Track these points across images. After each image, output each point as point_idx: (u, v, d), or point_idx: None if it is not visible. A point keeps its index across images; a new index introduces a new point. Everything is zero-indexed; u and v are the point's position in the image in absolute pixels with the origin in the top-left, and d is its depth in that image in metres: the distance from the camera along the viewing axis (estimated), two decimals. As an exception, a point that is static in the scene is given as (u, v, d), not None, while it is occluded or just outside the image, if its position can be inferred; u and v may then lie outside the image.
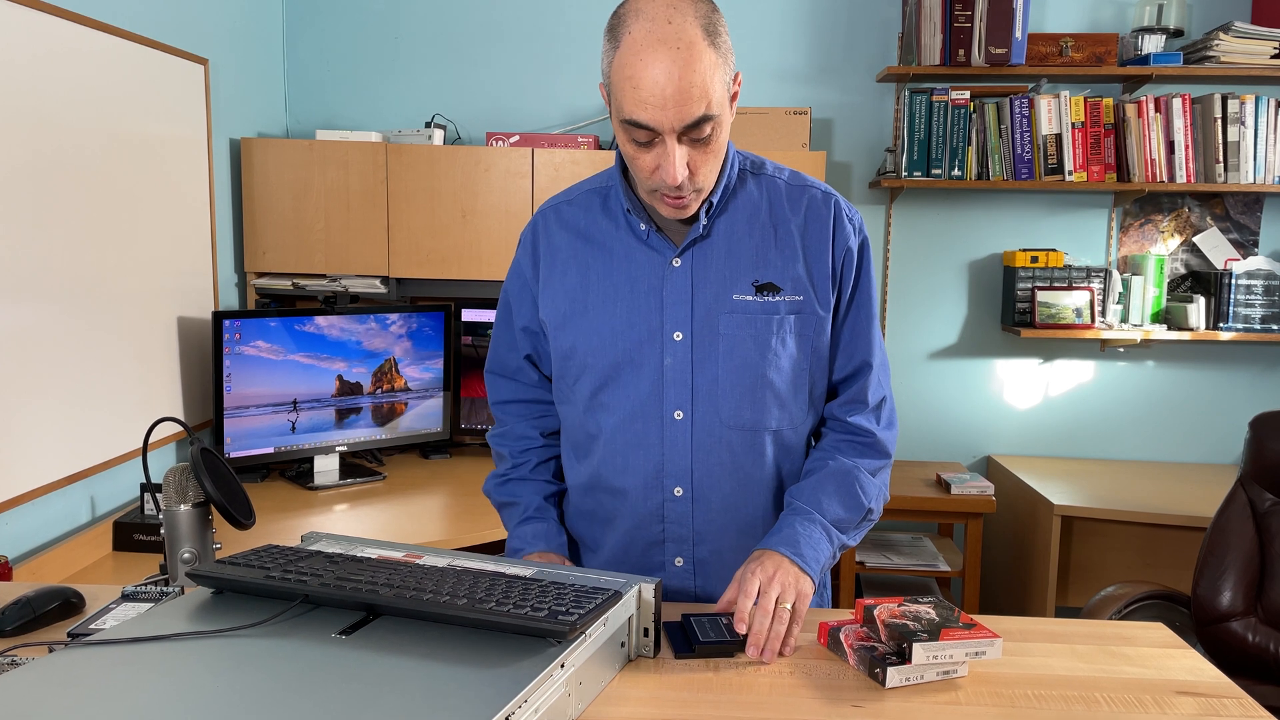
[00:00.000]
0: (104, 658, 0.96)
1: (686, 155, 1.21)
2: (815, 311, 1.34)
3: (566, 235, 1.40)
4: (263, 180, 2.92)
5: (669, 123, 1.17)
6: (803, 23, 3.24)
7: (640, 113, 1.17)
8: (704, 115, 1.17)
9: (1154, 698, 1.10)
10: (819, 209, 1.37)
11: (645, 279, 1.34)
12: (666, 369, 1.33)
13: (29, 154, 1.99)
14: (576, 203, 1.42)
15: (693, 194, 1.26)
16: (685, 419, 1.34)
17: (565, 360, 1.39)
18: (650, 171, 1.23)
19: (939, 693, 1.10)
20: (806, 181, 1.40)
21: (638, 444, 1.35)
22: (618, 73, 1.18)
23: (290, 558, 1.17)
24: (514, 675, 0.91)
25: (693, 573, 1.38)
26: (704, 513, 1.36)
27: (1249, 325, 3.08)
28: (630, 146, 1.23)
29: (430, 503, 2.60)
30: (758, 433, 1.35)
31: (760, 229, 1.35)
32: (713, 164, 1.25)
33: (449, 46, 3.27)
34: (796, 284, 1.34)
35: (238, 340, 2.60)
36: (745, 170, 1.39)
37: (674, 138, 1.18)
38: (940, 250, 3.32)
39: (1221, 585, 2.27)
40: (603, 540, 1.43)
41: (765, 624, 1.17)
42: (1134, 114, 3.01)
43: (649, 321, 1.33)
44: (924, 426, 3.37)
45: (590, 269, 1.37)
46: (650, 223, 1.34)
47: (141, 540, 2.19)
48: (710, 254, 1.34)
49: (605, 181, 1.42)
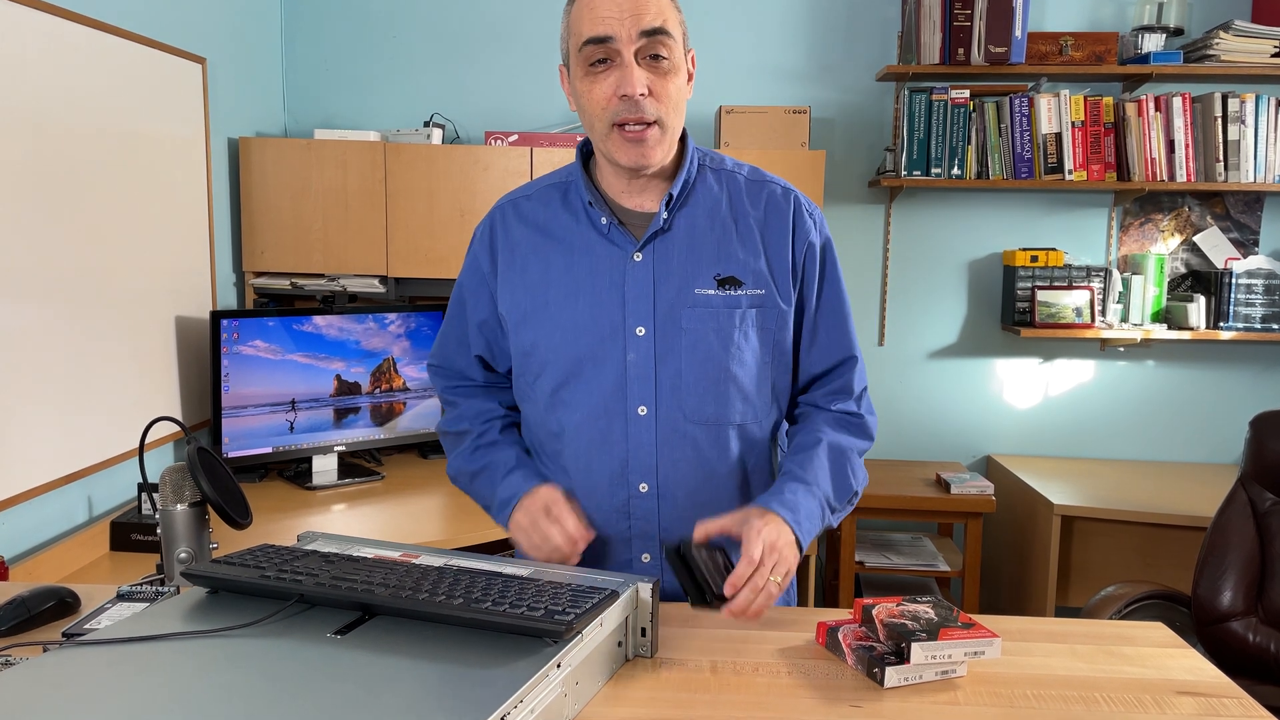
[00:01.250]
0: (98, 658, 0.96)
1: (645, 76, 1.24)
2: (777, 305, 1.35)
3: (525, 230, 1.39)
4: (261, 180, 2.91)
5: (626, 31, 1.22)
6: (802, 22, 3.24)
7: (598, 26, 1.23)
8: (660, 27, 1.23)
9: (1154, 698, 1.10)
10: (779, 204, 1.38)
11: (607, 274, 1.34)
12: (629, 364, 1.33)
13: (25, 153, 1.99)
14: (535, 197, 1.41)
15: (654, 126, 1.26)
16: (649, 415, 1.33)
17: (526, 357, 1.38)
18: (608, 99, 1.25)
19: (938, 693, 1.09)
20: (766, 178, 1.41)
21: (601, 441, 1.34)
22: (576, 13, 1.26)
23: (286, 557, 1.16)
24: (510, 675, 0.90)
25: (660, 569, 1.37)
26: (670, 508, 1.35)
27: (1249, 325, 3.07)
28: (587, 80, 1.26)
29: (429, 503, 2.60)
30: (722, 427, 1.35)
31: (721, 223, 1.35)
32: (671, 95, 1.27)
33: (447, 45, 3.27)
34: (758, 278, 1.34)
35: (236, 340, 2.60)
36: (705, 165, 1.39)
37: (631, 50, 1.23)
38: (940, 249, 3.31)
39: (1222, 585, 2.26)
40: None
41: (752, 600, 1.17)
42: (1134, 113, 3.01)
43: (611, 317, 1.33)
44: (924, 426, 3.36)
45: (550, 264, 1.36)
46: (612, 216, 1.34)
47: (139, 540, 2.18)
48: (671, 248, 1.34)
49: (565, 176, 1.42)
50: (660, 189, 1.35)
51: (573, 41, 1.27)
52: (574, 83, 1.30)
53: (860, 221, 3.30)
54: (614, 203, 1.37)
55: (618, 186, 1.36)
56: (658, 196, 1.35)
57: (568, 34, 1.28)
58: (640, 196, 1.36)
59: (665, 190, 1.34)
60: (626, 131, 1.26)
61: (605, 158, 1.33)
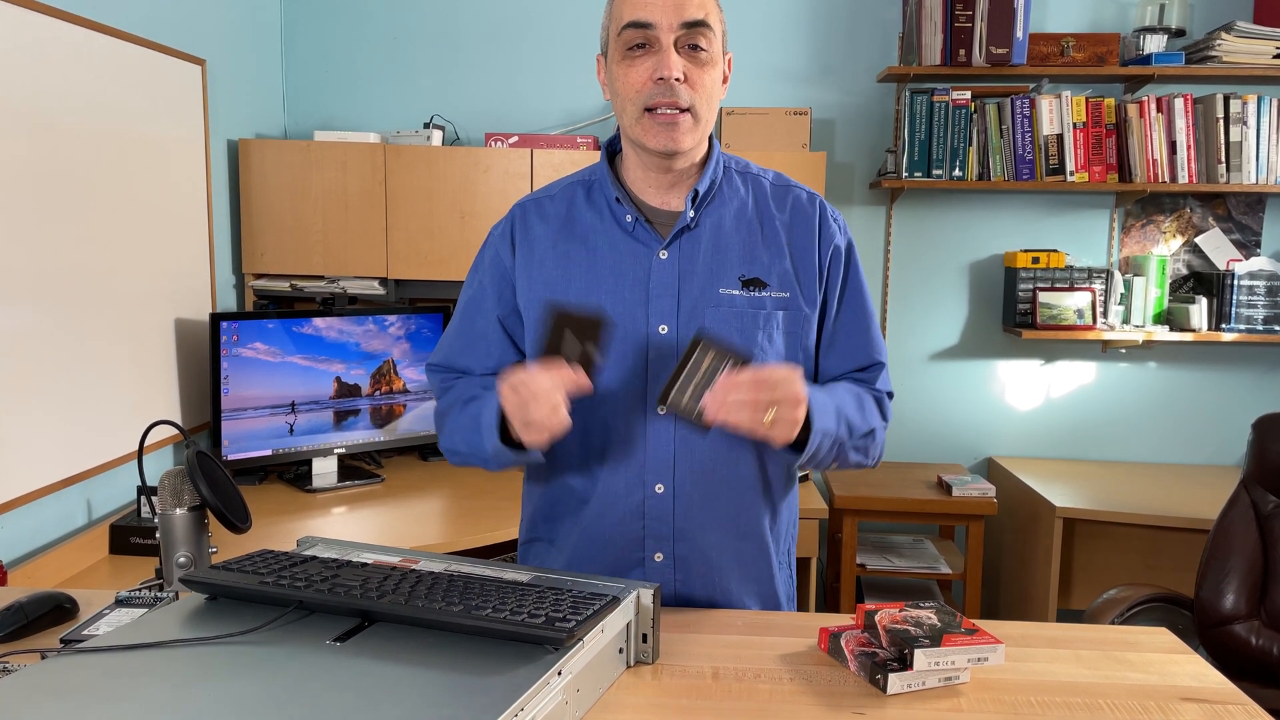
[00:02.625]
0: (96, 665, 0.95)
1: (683, 64, 1.25)
2: (801, 309, 1.34)
3: (545, 227, 1.38)
4: (260, 181, 2.91)
5: (667, 19, 1.23)
6: (803, 23, 3.23)
7: (639, 12, 1.24)
8: (703, 20, 1.24)
9: (1158, 704, 1.09)
10: (804, 208, 1.38)
11: (630, 271, 1.33)
12: (651, 363, 1.32)
13: (25, 155, 1.98)
14: (558, 196, 1.41)
15: (686, 113, 1.26)
16: (668, 415, 1.32)
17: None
18: (643, 82, 1.26)
19: (941, 699, 1.09)
20: (791, 183, 1.41)
21: (620, 441, 1.33)
22: (619, 2, 1.26)
23: (285, 563, 1.16)
24: (510, 683, 0.90)
25: (673, 568, 1.35)
26: (685, 510, 1.34)
27: (1251, 326, 3.06)
28: (624, 64, 1.27)
29: (429, 505, 2.59)
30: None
31: (747, 225, 1.35)
32: (707, 86, 1.27)
33: (447, 47, 3.26)
34: (783, 280, 1.34)
35: (235, 342, 2.59)
36: (730, 168, 1.40)
37: (671, 38, 1.24)
38: (941, 251, 3.31)
39: (1224, 588, 2.26)
40: (571, 536, 1.39)
41: (739, 415, 1.16)
42: (1136, 114, 3.00)
43: (633, 314, 1.32)
44: (925, 428, 3.36)
45: (571, 259, 1.35)
46: (637, 213, 1.33)
47: (138, 543, 2.18)
48: (697, 246, 1.33)
49: (588, 175, 1.41)
50: (686, 188, 1.35)
51: (613, 27, 1.28)
52: (611, 67, 1.30)
53: (861, 223, 3.30)
54: (639, 200, 1.36)
55: (644, 183, 1.36)
56: (683, 195, 1.35)
57: (609, 21, 1.30)
58: (666, 194, 1.35)
59: (691, 189, 1.34)
60: (659, 115, 1.26)
61: (634, 146, 1.32)
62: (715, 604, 1.37)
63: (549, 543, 1.44)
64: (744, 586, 1.39)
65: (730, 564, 1.37)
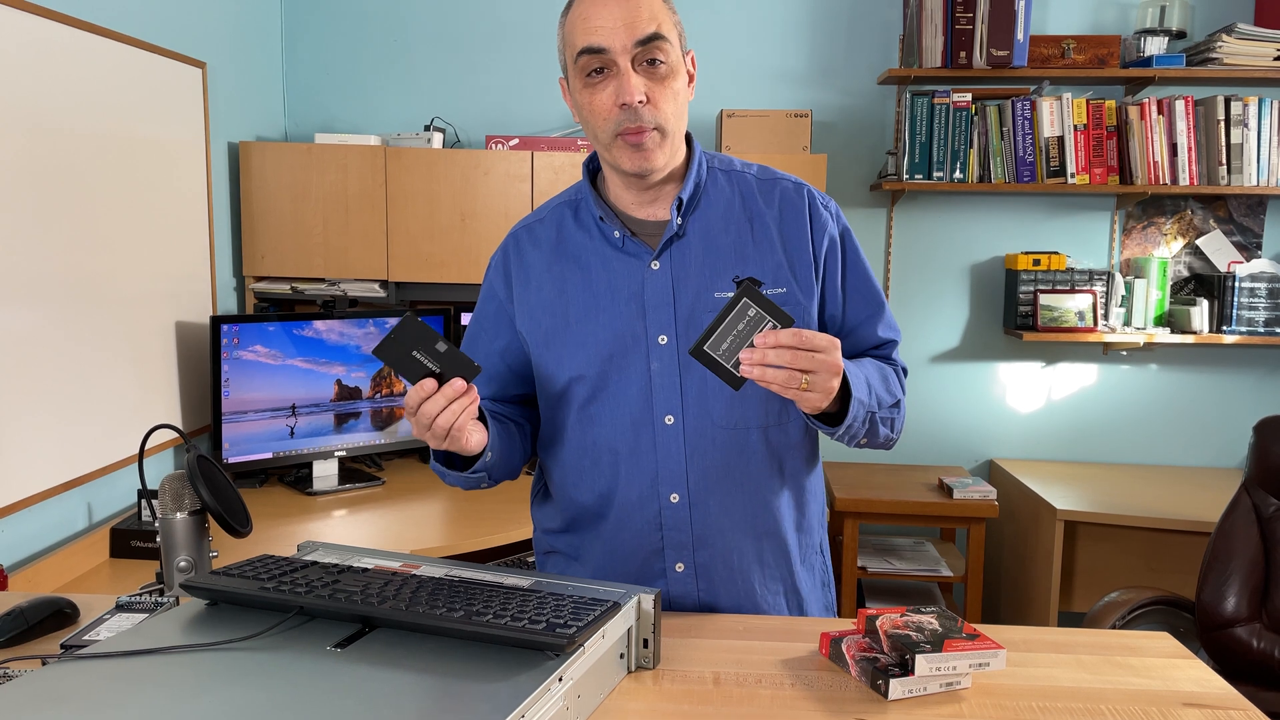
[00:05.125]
0: (97, 671, 0.95)
1: (643, 83, 1.23)
2: (799, 302, 1.34)
3: (539, 253, 1.39)
4: (261, 184, 2.91)
5: (620, 41, 1.22)
6: (803, 25, 3.23)
7: (592, 37, 1.22)
8: (655, 33, 1.22)
9: (1160, 709, 1.09)
10: (792, 199, 1.37)
11: (625, 286, 1.33)
12: (654, 374, 1.32)
13: (26, 158, 1.98)
14: (547, 220, 1.41)
15: (654, 132, 1.25)
16: (676, 423, 1.32)
17: (551, 377, 1.37)
18: (609, 109, 1.24)
19: (942, 705, 1.08)
20: (776, 175, 1.40)
21: (630, 453, 1.33)
22: (569, 25, 1.26)
23: (285, 568, 1.16)
24: (511, 689, 0.90)
25: (694, 577, 1.36)
26: (702, 517, 1.34)
27: (1253, 328, 3.06)
28: (587, 92, 1.26)
29: (430, 508, 2.59)
30: (750, 431, 1.33)
31: (736, 224, 1.35)
32: (670, 100, 1.26)
33: (448, 49, 3.26)
34: (778, 276, 1.33)
35: (236, 345, 2.59)
36: (714, 168, 1.39)
37: (627, 59, 1.22)
38: (942, 253, 3.31)
39: (1226, 591, 2.26)
40: (592, 551, 1.40)
41: (775, 375, 1.11)
42: (1136, 116, 3.00)
43: (632, 328, 1.32)
44: (926, 430, 3.36)
45: (567, 282, 1.35)
46: (624, 229, 1.33)
47: (139, 547, 2.18)
48: (688, 254, 1.33)
49: (574, 195, 1.41)
50: (671, 196, 1.34)
51: (569, 53, 1.27)
52: (574, 94, 1.29)
53: (862, 225, 3.30)
54: (625, 215, 1.36)
55: (627, 198, 1.35)
56: (668, 204, 1.34)
57: (563, 46, 1.28)
58: (651, 206, 1.35)
59: (675, 197, 1.33)
60: (629, 138, 1.25)
61: (611, 167, 1.32)
62: (741, 609, 1.37)
63: (572, 558, 1.44)
64: (768, 586, 1.39)
65: (752, 565, 1.37)
